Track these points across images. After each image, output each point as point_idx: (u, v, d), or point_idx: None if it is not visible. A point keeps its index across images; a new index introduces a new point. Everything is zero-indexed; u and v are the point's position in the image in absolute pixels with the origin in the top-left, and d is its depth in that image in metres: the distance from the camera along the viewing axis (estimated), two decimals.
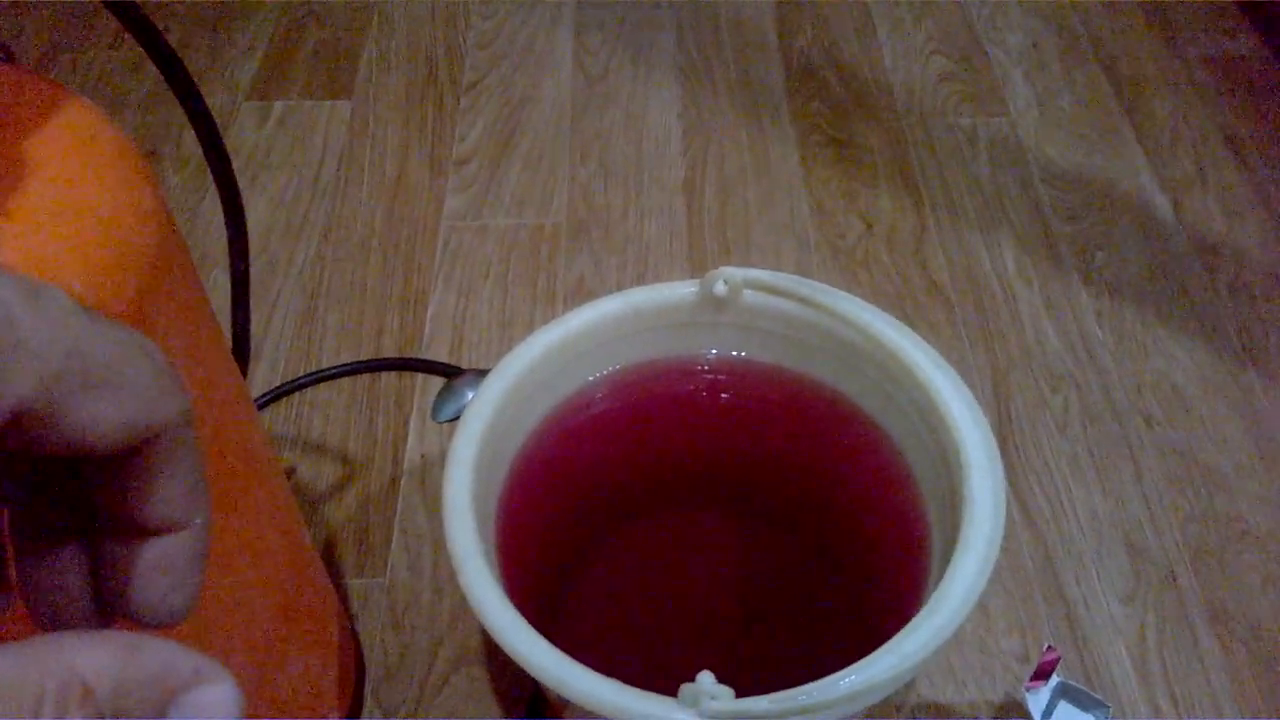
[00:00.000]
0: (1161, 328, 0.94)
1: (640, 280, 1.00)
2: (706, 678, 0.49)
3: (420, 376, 0.92)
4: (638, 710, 0.49)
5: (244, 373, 0.65)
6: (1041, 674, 0.64)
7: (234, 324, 0.64)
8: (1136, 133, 1.13)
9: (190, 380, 0.49)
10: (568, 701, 0.50)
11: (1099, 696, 0.64)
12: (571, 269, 1.01)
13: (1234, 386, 0.90)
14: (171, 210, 0.50)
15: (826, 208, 1.05)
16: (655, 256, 1.02)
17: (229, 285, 0.62)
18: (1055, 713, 0.65)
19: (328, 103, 1.18)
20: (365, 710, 0.72)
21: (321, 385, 0.92)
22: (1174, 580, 0.79)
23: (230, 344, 0.66)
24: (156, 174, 0.50)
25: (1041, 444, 0.87)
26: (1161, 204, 1.05)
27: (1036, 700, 0.65)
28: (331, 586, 0.70)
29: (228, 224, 0.59)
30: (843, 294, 0.63)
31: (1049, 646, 0.64)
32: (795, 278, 0.65)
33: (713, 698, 0.48)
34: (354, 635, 0.74)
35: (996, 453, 0.56)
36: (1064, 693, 0.65)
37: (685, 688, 0.49)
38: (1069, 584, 0.79)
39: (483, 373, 0.90)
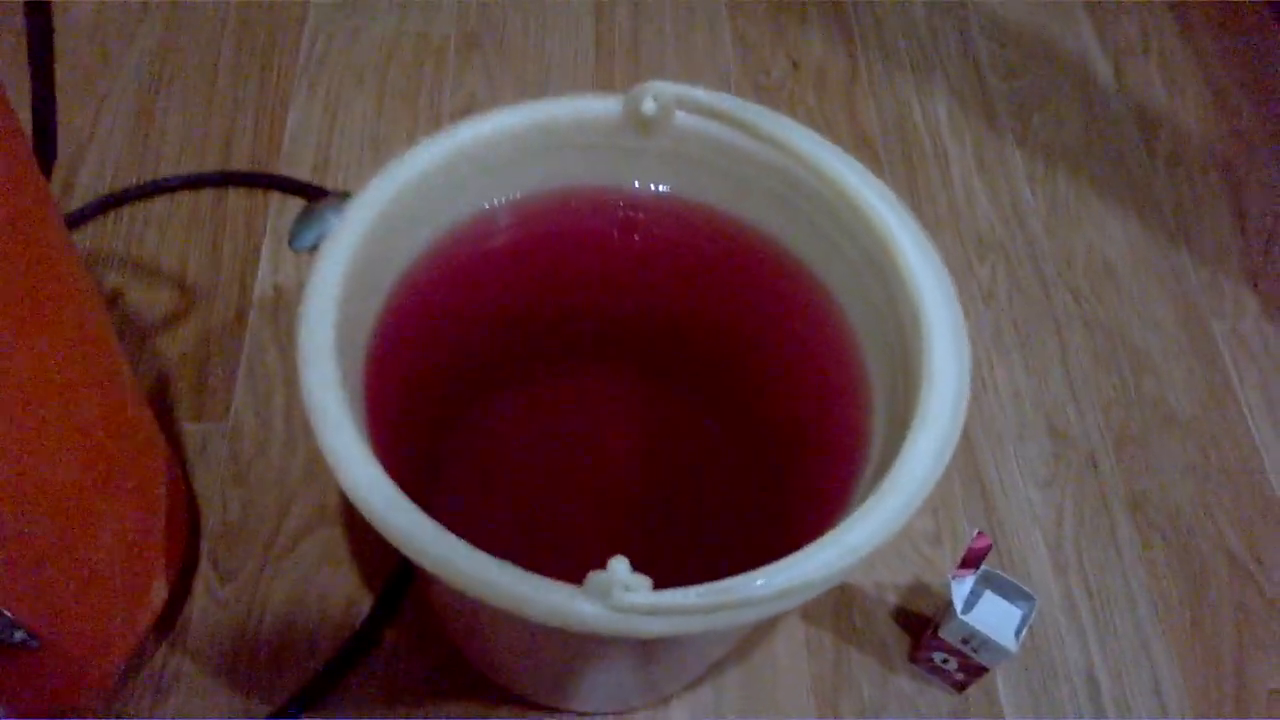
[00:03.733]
0: (1096, 198, 0.88)
1: None
2: (620, 564, 0.40)
3: (276, 196, 0.79)
4: (536, 600, 0.40)
5: (46, 170, 0.52)
6: (970, 562, 0.58)
7: (34, 100, 0.51)
8: None
9: None
10: (449, 586, 0.41)
11: (1027, 589, 0.59)
12: (460, 86, 0.88)
13: (1166, 265, 0.85)
14: None
15: (751, 40, 0.94)
16: (558, 79, 0.90)
17: (27, 47, 0.48)
18: (980, 603, 0.60)
19: None
20: (198, 574, 0.62)
21: (158, 198, 0.78)
22: (1095, 466, 0.74)
23: (31, 130, 0.53)
24: None
25: (966, 312, 0.80)
26: (1103, 69, 0.98)
27: (960, 589, 0.59)
28: (159, 433, 0.59)
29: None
30: (791, 123, 0.54)
31: (979, 533, 0.58)
32: (736, 99, 0.54)
33: (627, 588, 0.40)
34: (187, 489, 0.63)
35: (960, 313, 0.48)
36: (989, 582, 0.60)
37: (594, 576, 0.40)
38: (987, 465, 0.74)
39: (349, 195, 0.77)
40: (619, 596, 0.39)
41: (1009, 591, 0.60)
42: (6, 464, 0.43)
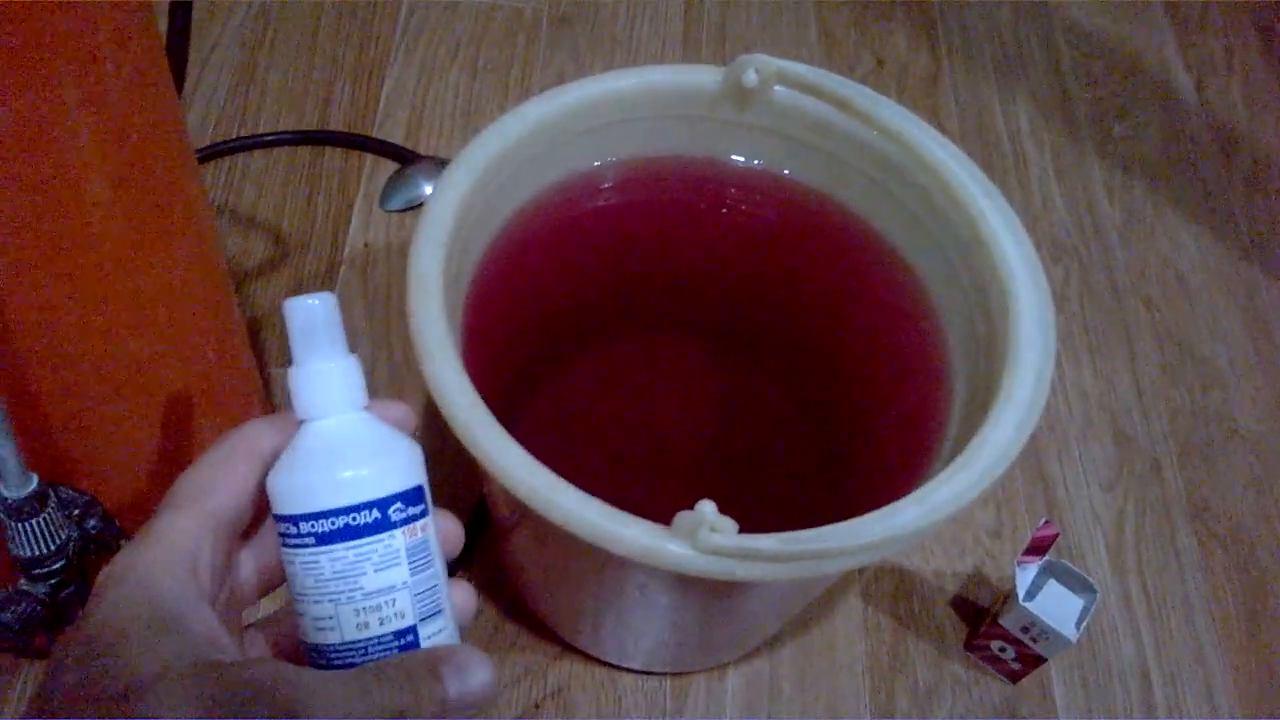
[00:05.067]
0: (1171, 210, 0.89)
1: None
2: (708, 506, 0.42)
3: (370, 158, 0.82)
4: (626, 537, 0.41)
5: (179, 81, 0.54)
6: (1036, 549, 0.59)
7: (170, 58, 0.53)
8: (1167, 5, 1.05)
9: (115, 82, 0.38)
10: (543, 520, 0.42)
11: (1091, 580, 0.60)
12: (551, 63, 0.90)
13: (1238, 280, 0.85)
14: None
15: (836, 35, 0.96)
16: (644, 62, 0.91)
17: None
18: (1043, 591, 0.60)
19: None
20: None
21: (256, 152, 0.80)
22: (1158, 472, 0.75)
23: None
24: None
25: None
26: (1184, 83, 0.98)
27: (1024, 575, 0.60)
28: (257, 374, 0.61)
29: None
30: (889, 102, 0.55)
31: (1046, 520, 0.59)
32: (836, 77, 0.56)
33: (714, 529, 0.41)
34: None
35: (1049, 296, 0.50)
36: (1054, 571, 0.61)
37: (682, 516, 0.42)
38: (1051, 463, 0.74)
39: (442, 162, 0.80)
40: (705, 537, 0.41)
41: (1072, 582, 0.61)
42: (121, 368, 0.46)
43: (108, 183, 0.39)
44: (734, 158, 0.60)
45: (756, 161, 0.60)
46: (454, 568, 0.64)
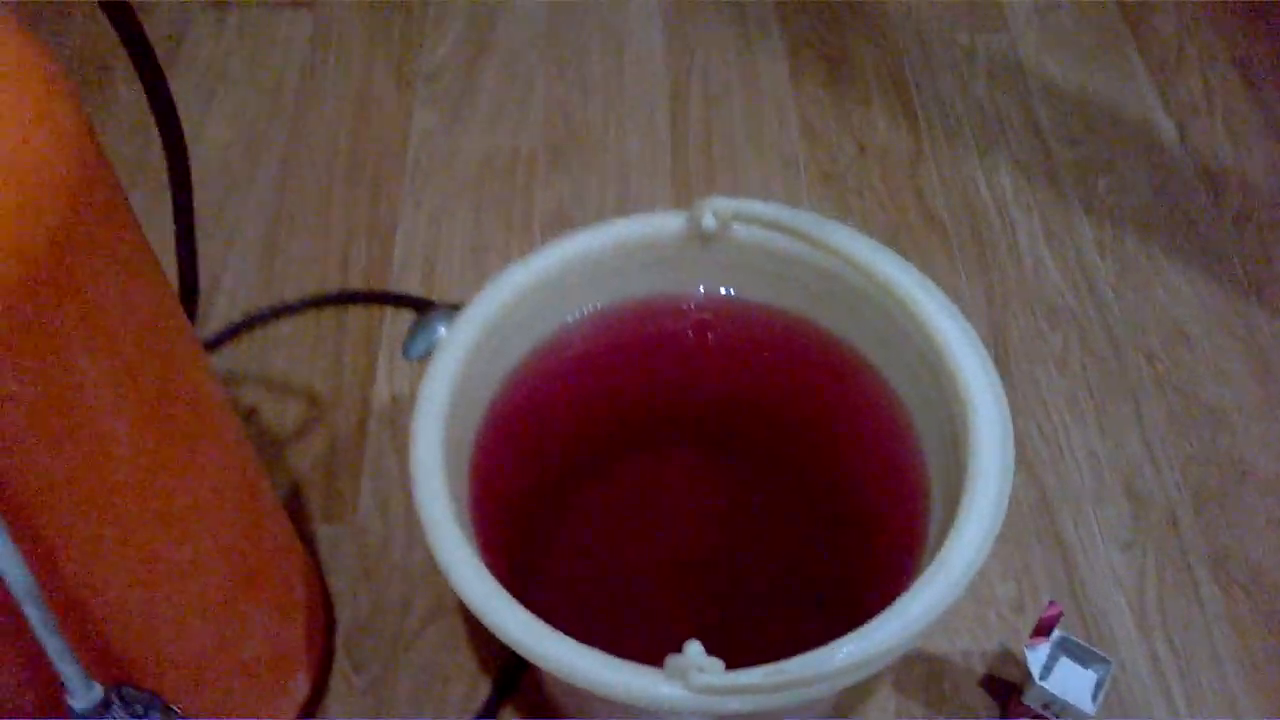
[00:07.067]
0: (1165, 259, 0.91)
1: (622, 203, 0.95)
2: (695, 648, 0.45)
3: (389, 310, 0.87)
4: (623, 684, 0.45)
5: (191, 315, 0.60)
6: (1042, 630, 0.61)
7: (179, 261, 0.59)
8: (1141, 53, 1.07)
9: (126, 329, 0.44)
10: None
11: (1100, 652, 0.62)
12: (549, 193, 0.95)
13: (1238, 322, 0.86)
14: (123, 131, 0.44)
15: (817, 128, 1.00)
16: (637, 176, 0.96)
17: (172, 209, 0.57)
18: (1055, 669, 0.62)
19: (288, 10, 1.11)
20: (335, 666, 0.69)
21: (284, 319, 0.87)
22: (1175, 524, 0.76)
23: (176, 284, 0.61)
24: (105, 96, 0.44)
25: (1039, 382, 0.83)
26: (1167, 129, 1.00)
27: (1036, 657, 0.62)
28: (297, 542, 0.66)
29: (165, 148, 0.54)
30: (841, 227, 0.59)
31: (1050, 602, 0.61)
32: (789, 209, 0.60)
33: (701, 670, 0.45)
34: (323, 589, 0.71)
35: (1008, 418, 0.52)
36: (1065, 648, 0.63)
37: (672, 659, 0.45)
38: (1066, 528, 0.76)
39: (455, 307, 0.85)
40: (696, 678, 0.44)
41: (1084, 656, 0.63)
42: (170, 578, 0.51)
43: (127, 423, 0.45)
44: (708, 289, 0.65)
45: (730, 290, 0.64)
46: (501, 698, 0.68)
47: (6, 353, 0.37)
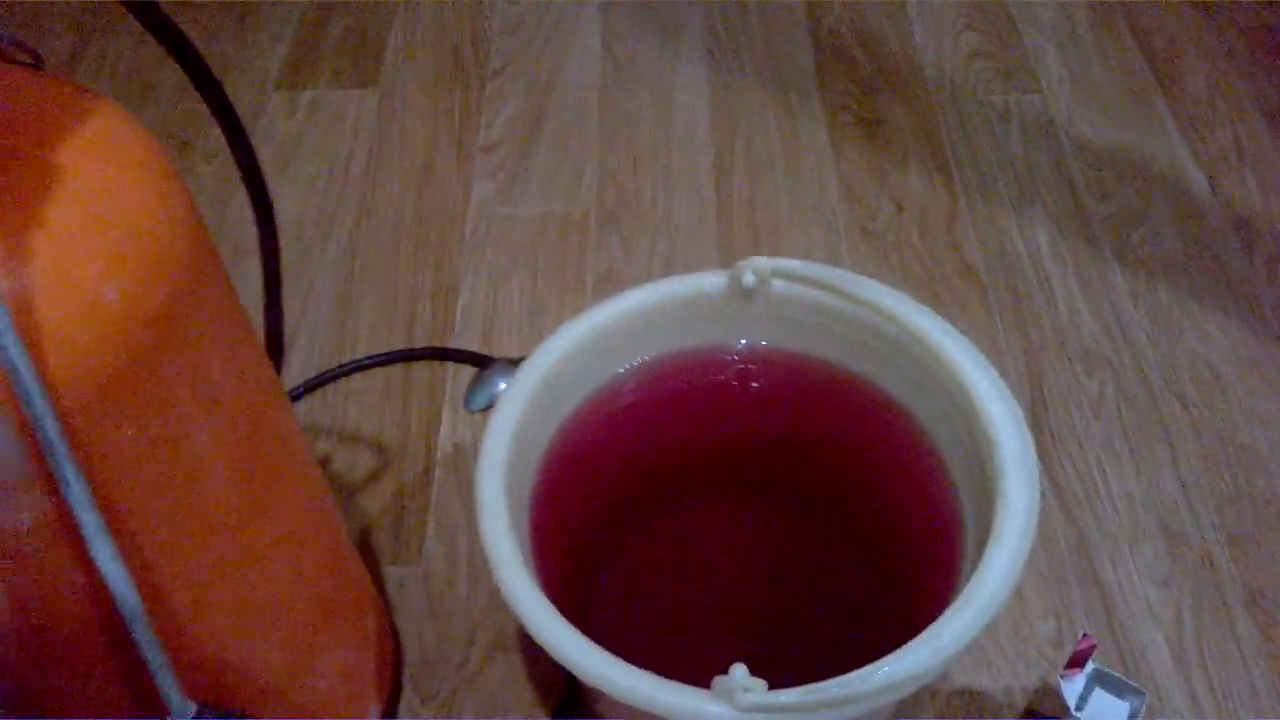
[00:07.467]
0: (1197, 306, 0.93)
1: (669, 266, 1.00)
2: (739, 670, 0.49)
3: (452, 365, 0.93)
4: (674, 704, 0.49)
5: (277, 369, 0.66)
6: (1076, 662, 0.64)
7: (266, 321, 0.65)
8: (1171, 107, 1.11)
9: (225, 383, 0.49)
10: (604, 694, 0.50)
11: (1134, 684, 0.64)
12: (600, 256, 1.01)
13: (1270, 365, 0.89)
14: (204, 202, 0.50)
15: (856, 190, 1.04)
16: (684, 241, 1.01)
17: (262, 277, 0.63)
18: (1091, 700, 0.65)
19: (356, 91, 1.19)
20: (403, 698, 0.73)
21: (356, 374, 0.92)
22: (1210, 563, 0.78)
23: (264, 340, 0.67)
24: (185, 169, 0.50)
25: (1076, 427, 0.86)
26: (1198, 180, 1.04)
27: (1072, 688, 0.64)
28: (369, 579, 0.71)
29: (258, 224, 0.60)
30: (873, 283, 0.63)
31: (1084, 634, 0.64)
32: (824, 266, 0.64)
33: (746, 690, 0.48)
34: (391, 625, 0.75)
35: (1032, 450, 0.56)
36: (1099, 679, 0.65)
37: (719, 681, 0.49)
38: (1104, 568, 0.79)
39: (514, 362, 0.90)
40: (739, 698, 0.48)
41: (1120, 688, 0.65)
42: (256, 609, 0.56)
43: (224, 465, 0.50)
44: (750, 342, 0.69)
45: (770, 342, 0.69)
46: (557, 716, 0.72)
47: (130, 401, 0.43)
